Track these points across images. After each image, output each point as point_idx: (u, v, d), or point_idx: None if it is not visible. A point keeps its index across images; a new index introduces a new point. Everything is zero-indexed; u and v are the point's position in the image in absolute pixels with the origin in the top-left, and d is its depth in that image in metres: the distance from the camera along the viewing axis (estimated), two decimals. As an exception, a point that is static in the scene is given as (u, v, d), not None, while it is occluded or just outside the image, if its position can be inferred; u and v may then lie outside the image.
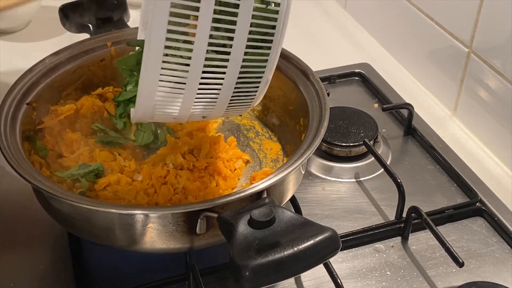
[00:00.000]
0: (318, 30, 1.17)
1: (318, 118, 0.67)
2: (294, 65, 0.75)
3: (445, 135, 0.88)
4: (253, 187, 0.58)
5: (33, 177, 0.59)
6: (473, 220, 0.75)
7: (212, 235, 0.59)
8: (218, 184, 0.70)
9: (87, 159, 0.71)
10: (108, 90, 0.79)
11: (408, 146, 0.86)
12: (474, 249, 0.71)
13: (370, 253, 0.71)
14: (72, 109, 0.75)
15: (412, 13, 0.99)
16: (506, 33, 0.80)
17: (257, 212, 0.52)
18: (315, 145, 0.62)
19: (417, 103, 0.91)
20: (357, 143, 0.82)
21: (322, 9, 1.23)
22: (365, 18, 1.17)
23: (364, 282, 0.67)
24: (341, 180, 0.81)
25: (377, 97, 0.96)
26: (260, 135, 0.80)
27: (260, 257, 0.48)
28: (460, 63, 0.90)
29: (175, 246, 0.60)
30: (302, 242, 0.49)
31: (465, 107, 0.91)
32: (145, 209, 0.60)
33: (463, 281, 0.66)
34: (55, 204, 0.62)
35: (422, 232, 0.72)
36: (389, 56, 1.09)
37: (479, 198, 0.76)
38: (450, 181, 0.80)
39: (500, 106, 0.83)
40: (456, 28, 0.90)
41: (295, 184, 0.67)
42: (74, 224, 0.62)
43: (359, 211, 0.76)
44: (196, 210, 0.56)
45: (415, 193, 0.77)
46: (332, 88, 0.97)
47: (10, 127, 0.65)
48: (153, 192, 0.68)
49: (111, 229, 0.59)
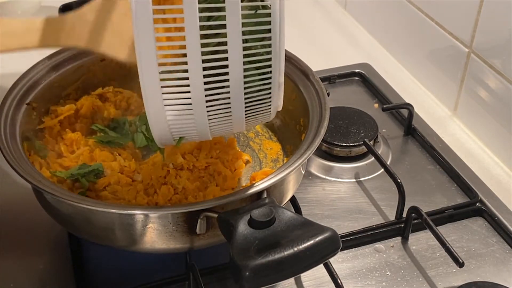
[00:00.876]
0: (318, 30, 1.16)
1: (318, 118, 0.67)
2: (294, 65, 0.75)
3: (445, 135, 0.88)
4: (253, 187, 0.58)
5: (33, 177, 0.59)
6: (473, 220, 0.75)
7: (212, 235, 0.59)
8: (218, 184, 0.70)
9: (87, 159, 0.71)
10: (108, 90, 0.79)
11: (408, 146, 0.86)
12: (474, 249, 0.71)
13: (370, 253, 0.71)
14: (72, 109, 0.75)
15: (412, 13, 0.99)
16: (506, 33, 0.80)
17: (257, 212, 0.52)
18: (315, 145, 0.62)
19: (417, 103, 0.91)
20: (357, 143, 0.82)
21: (322, 9, 1.23)
22: (365, 18, 1.17)
23: (364, 282, 0.67)
24: (341, 180, 0.81)
25: (377, 97, 0.96)
26: (260, 135, 0.80)
27: (260, 257, 0.48)
28: (460, 63, 0.90)
29: (175, 246, 0.60)
30: (302, 242, 0.49)
31: (465, 107, 0.91)
32: (145, 209, 0.60)
33: (463, 281, 0.66)
34: (55, 204, 0.62)
35: (422, 232, 0.72)
36: (389, 56, 1.09)
37: (479, 198, 0.76)
38: (450, 181, 0.80)
39: (500, 106, 0.83)
40: (456, 28, 0.90)
41: (295, 184, 0.67)
42: (74, 224, 0.62)
43: (359, 211, 0.76)
44: (196, 210, 0.56)
45: (415, 193, 0.77)
46: (332, 88, 0.97)
47: (10, 127, 0.65)
48: (153, 192, 0.68)
49: (111, 229, 0.59)
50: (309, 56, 0.77)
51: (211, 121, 0.56)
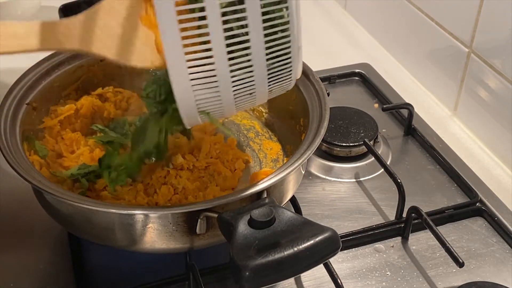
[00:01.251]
0: (318, 30, 1.16)
1: (318, 118, 0.67)
2: (294, 65, 0.75)
3: (445, 135, 0.88)
4: (253, 187, 0.58)
5: (33, 177, 0.59)
6: (473, 220, 0.75)
7: (212, 235, 0.59)
8: (218, 184, 0.70)
9: (87, 159, 0.71)
10: (108, 90, 0.79)
11: (408, 146, 0.86)
12: (474, 249, 0.71)
13: (370, 253, 0.71)
14: (72, 109, 0.75)
15: (412, 13, 0.99)
16: (506, 33, 0.80)
17: (257, 212, 0.52)
18: (315, 145, 0.62)
19: (417, 103, 0.91)
20: (357, 143, 0.82)
21: (322, 9, 1.23)
22: (365, 18, 1.17)
23: (364, 282, 0.67)
24: (341, 180, 0.81)
25: (377, 97, 0.96)
26: (260, 135, 0.80)
27: (260, 257, 0.48)
28: (460, 63, 0.90)
29: (175, 246, 0.60)
30: (302, 242, 0.49)
31: (465, 107, 0.91)
32: (145, 209, 0.60)
33: (463, 281, 0.66)
34: (55, 204, 0.62)
35: (422, 232, 0.72)
36: (389, 56, 1.09)
37: (479, 198, 0.76)
38: (450, 181, 0.80)
39: (500, 106, 0.83)
40: (456, 28, 0.90)
41: (295, 184, 0.67)
42: (74, 224, 0.62)
43: (359, 211, 0.76)
44: (196, 210, 0.56)
45: (415, 193, 0.77)
46: (332, 88, 0.97)
47: (10, 127, 0.65)
48: (153, 192, 0.68)
49: (111, 229, 0.59)
50: (309, 56, 0.76)
51: (236, 92, 0.55)
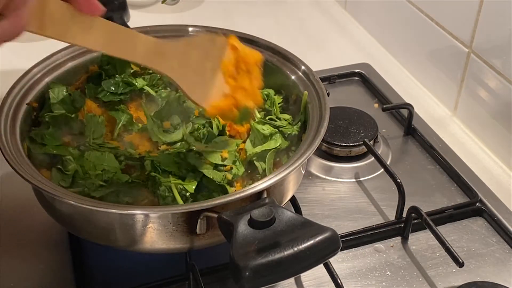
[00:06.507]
0: (318, 30, 1.16)
1: (318, 118, 0.67)
2: (294, 65, 0.75)
3: (445, 135, 0.88)
4: (253, 187, 0.58)
5: (33, 177, 0.59)
6: (473, 220, 0.75)
7: (212, 235, 0.59)
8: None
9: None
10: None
11: (408, 146, 0.86)
12: (474, 249, 0.71)
13: (370, 253, 0.71)
14: (72, 109, 0.75)
15: (412, 13, 0.99)
16: (506, 33, 0.80)
17: (257, 212, 0.52)
18: (315, 145, 0.62)
19: (417, 103, 0.91)
20: (357, 143, 0.82)
21: (322, 9, 1.23)
22: (365, 18, 1.17)
23: (364, 282, 0.67)
24: (341, 180, 0.81)
25: (377, 97, 0.96)
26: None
27: (260, 257, 0.48)
28: (460, 63, 0.90)
29: (175, 246, 0.60)
30: (302, 242, 0.49)
31: (465, 107, 0.91)
32: (145, 209, 0.60)
33: (463, 281, 0.66)
34: (55, 204, 0.62)
35: (422, 232, 0.72)
36: (389, 56, 1.09)
37: (479, 198, 0.76)
38: (450, 181, 0.80)
39: (500, 106, 0.83)
40: (456, 28, 0.90)
41: (295, 184, 0.67)
42: (74, 224, 0.62)
43: (359, 211, 0.76)
44: (196, 210, 0.56)
45: (415, 193, 0.77)
46: (332, 88, 0.97)
47: (10, 127, 0.65)
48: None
49: (111, 229, 0.59)
50: (309, 56, 0.77)
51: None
